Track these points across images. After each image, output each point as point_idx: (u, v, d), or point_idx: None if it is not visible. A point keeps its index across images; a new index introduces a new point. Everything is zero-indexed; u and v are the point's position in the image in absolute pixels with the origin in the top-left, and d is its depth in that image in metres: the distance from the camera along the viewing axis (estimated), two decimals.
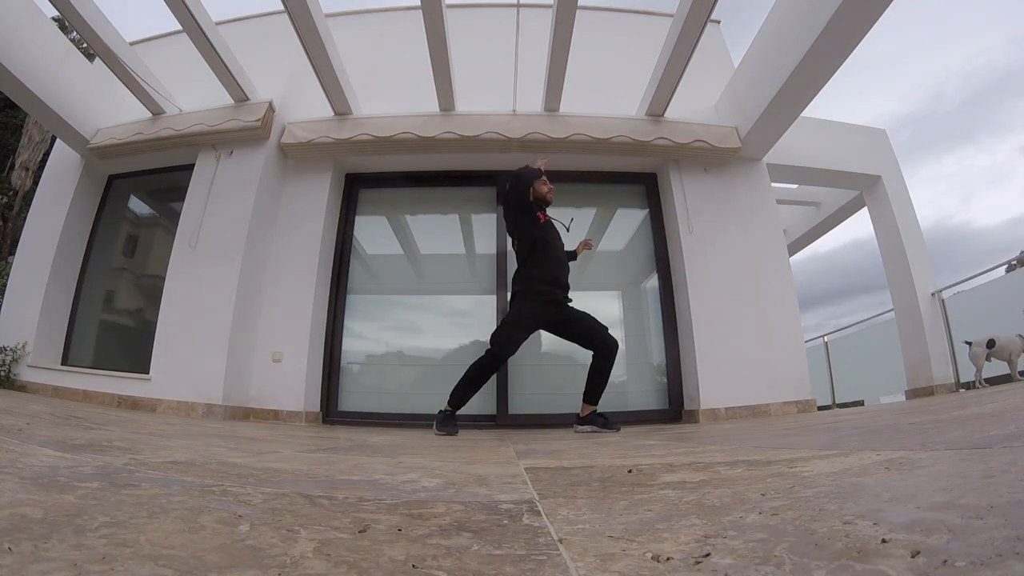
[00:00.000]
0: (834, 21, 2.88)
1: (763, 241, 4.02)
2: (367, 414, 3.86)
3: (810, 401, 3.68)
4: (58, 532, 0.46)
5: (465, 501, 0.73)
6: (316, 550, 0.47)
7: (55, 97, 3.89)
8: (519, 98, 4.10)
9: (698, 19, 3.22)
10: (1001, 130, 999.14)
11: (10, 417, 1.68)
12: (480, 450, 1.69)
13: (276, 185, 4.11)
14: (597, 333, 2.76)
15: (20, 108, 4.59)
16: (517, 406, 3.80)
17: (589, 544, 0.50)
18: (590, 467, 1.12)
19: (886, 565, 0.36)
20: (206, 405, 3.35)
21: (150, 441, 1.45)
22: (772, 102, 3.59)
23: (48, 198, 4.37)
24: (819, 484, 0.69)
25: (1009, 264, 6.21)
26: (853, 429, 1.58)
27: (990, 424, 1.17)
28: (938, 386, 4.39)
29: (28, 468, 0.78)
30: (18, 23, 3.64)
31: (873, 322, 6.67)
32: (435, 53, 3.58)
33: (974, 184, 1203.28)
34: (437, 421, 2.62)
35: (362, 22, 4.97)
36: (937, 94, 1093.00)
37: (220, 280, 3.63)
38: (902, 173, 4.99)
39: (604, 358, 2.73)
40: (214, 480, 0.84)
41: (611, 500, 0.72)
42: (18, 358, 3.82)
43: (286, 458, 1.27)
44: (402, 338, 4.22)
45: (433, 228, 4.62)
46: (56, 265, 4.09)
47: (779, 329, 3.79)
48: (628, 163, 4.27)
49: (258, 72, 4.20)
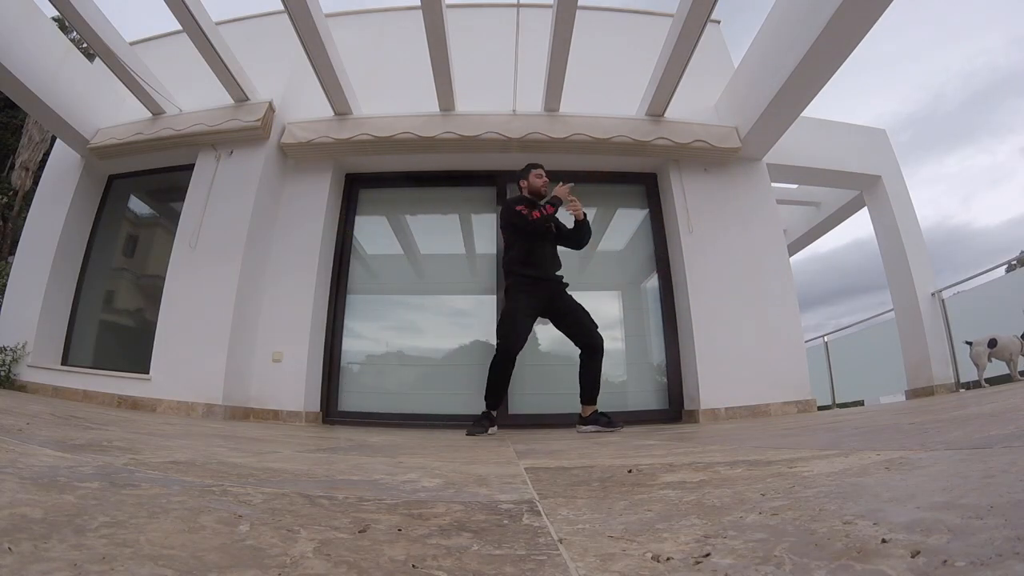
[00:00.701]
0: (834, 21, 2.88)
1: (763, 241, 4.02)
2: (367, 414, 3.86)
3: (810, 401, 3.68)
4: (58, 532, 0.46)
5: (465, 501, 0.73)
6: (316, 550, 0.47)
7: (55, 97, 3.89)
8: (519, 98, 4.10)
9: (698, 19, 3.22)
10: (1001, 130, 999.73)
11: (10, 417, 1.68)
12: (480, 450, 1.69)
13: (276, 185, 4.11)
14: (585, 330, 2.78)
15: (20, 108, 4.59)
16: (517, 406, 3.80)
17: (589, 544, 0.50)
18: (590, 467, 1.12)
19: (886, 565, 0.36)
20: (206, 405, 3.35)
21: (150, 441, 1.45)
22: (772, 102, 3.59)
23: (48, 198, 4.37)
24: (819, 484, 0.69)
25: (1009, 264, 6.21)
26: (853, 429, 1.58)
27: (990, 424, 1.17)
28: (938, 386, 4.39)
29: (28, 468, 0.78)
30: (18, 23, 3.64)
31: (873, 322, 6.67)
32: (435, 53, 3.58)
33: (974, 184, 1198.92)
34: (473, 423, 2.65)
35: (362, 22, 4.97)
36: (938, 95, 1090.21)
37: (220, 280, 3.63)
38: (902, 173, 4.99)
39: (590, 357, 2.75)
40: (214, 480, 0.84)
41: (611, 500, 0.72)
42: (18, 358, 3.82)
43: (286, 458, 1.27)
44: (402, 338, 4.22)
45: (433, 228, 4.62)
46: (56, 265, 4.09)
47: (779, 329, 3.79)
48: (628, 163, 4.27)
49: (258, 72, 4.20)
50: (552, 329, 4.05)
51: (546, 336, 4.07)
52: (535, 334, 4.07)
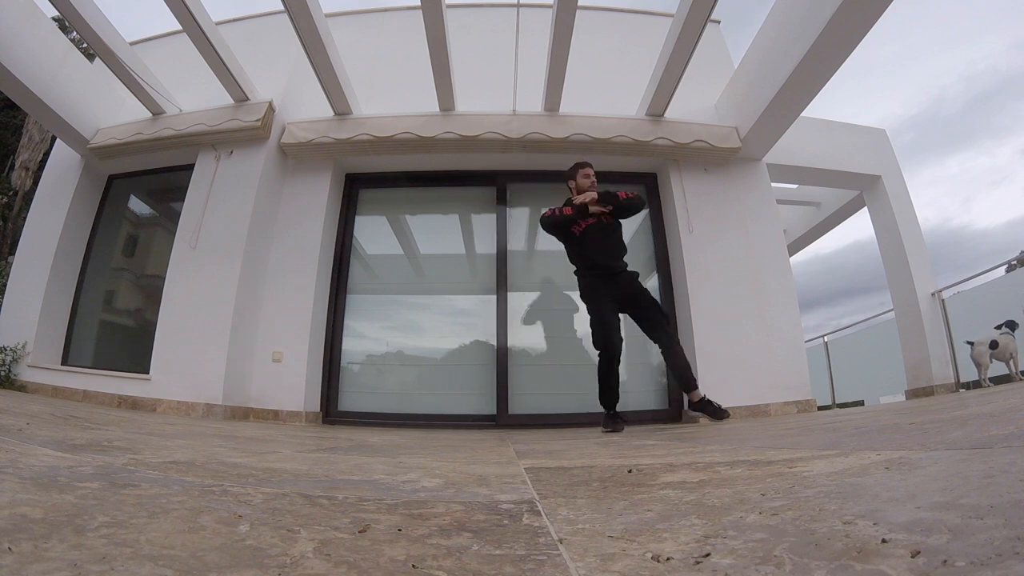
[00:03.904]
0: (834, 21, 2.88)
1: (763, 241, 4.01)
2: (367, 414, 3.86)
3: (810, 401, 3.68)
4: (58, 532, 0.46)
5: (465, 501, 0.73)
6: (316, 550, 0.47)
7: (55, 97, 3.89)
8: (519, 98, 4.10)
9: (698, 19, 3.22)
10: (1002, 132, 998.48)
11: (10, 417, 1.68)
12: (480, 450, 1.69)
13: (276, 185, 4.11)
14: (654, 324, 2.82)
15: (20, 108, 4.59)
16: (517, 406, 3.80)
17: (589, 544, 0.50)
18: (590, 467, 1.12)
19: (886, 565, 0.36)
20: (206, 405, 3.35)
21: (150, 441, 1.45)
22: (772, 102, 3.59)
23: (48, 198, 4.37)
24: (819, 484, 0.69)
25: (1009, 264, 6.21)
26: (853, 429, 1.58)
27: (990, 424, 1.17)
28: (938, 386, 4.39)
29: (28, 468, 0.78)
30: (18, 23, 3.64)
31: (873, 322, 6.68)
32: (435, 53, 3.58)
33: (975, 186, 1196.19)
34: (603, 423, 2.73)
35: (362, 22, 4.97)
36: (940, 98, 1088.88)
37: (220, 280, 3.63)
38: (902, 173, 4.99)
39: (665, 349, 2.81)
40: (214, 480, 0.84)
41: (611, 500, 0.72)
42: (18, 358, 3.82)
43: (286, 458, 1.27)
44: (402, 338, 4.22)
45: (433, 228, 4.62)
46: (56, 265, 4.09)
47: (779, 329, 3.79)
48: (628, 163, 4.26)
49: (258, 72, 4.20)
50: (551, 329, 4.08)
51: (545, 336, 4.07)
52: (535, 335, 4.07)
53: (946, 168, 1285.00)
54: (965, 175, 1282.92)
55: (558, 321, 4.08)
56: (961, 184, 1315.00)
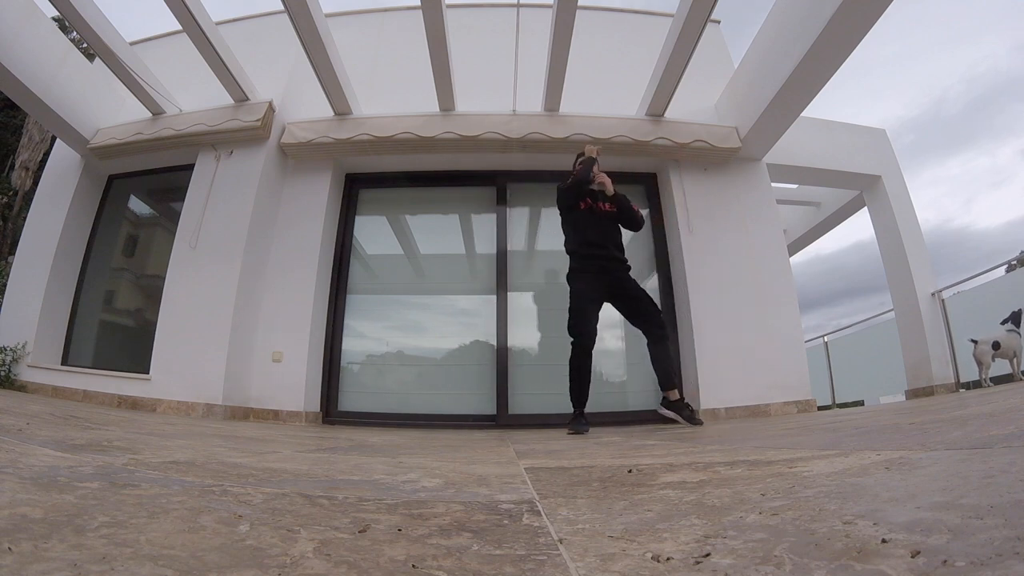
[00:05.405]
0: (834, 21, 2.88)
1: (763, 241, 4.01)
2: (367, 414, 3.86)
3: (810, 401, 3.68)
4: (58, 532, 0.46)
5: (465, 501, 0.73)
6: (316, 550, 0.47)
7: (55, 97, 3.89)
8: (519, 98, 4.10)
9: (698, 19, 3.22)
10: (1003, 133, 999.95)
11: (10, 417, 1.68)
12: (480, 450, 1.69)
13: (276, 185, 4.11)
14: (647, 316, 2.74)
15: (20, 108, 4.59)
16: (517, 406, 3.80)
17: (589, 544, 0.50)
18: (590, 467, 1.12)
19: (886, 565, 0.36)
20: (206, 405, 3.35)
21: (150, 441, 1.45)
22: (772, 102, 3.59)
23: (48, 198, 4.38)
24: (819, 484, 0.69)
25: (1009, 264, 6.21)
26: (853, 429, 1.58)
27: (990, 424, 1.17)
28: (938, 386, 4.39)
29: (28, 468, 0.78)
30: (18, 23, 3.64)
31: (873, 322, 6.68)
32: (435, 53, 3.58)
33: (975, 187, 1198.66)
34: (568, 423, 2.61)
35: (362, 22, 4.97)
36: (941, 99, 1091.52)
37: (220, 280, 3.63)
38: (902, 173, 4.99)
39: (654, 343, 2.72)
40: (214, 480, 0.84)
41: (611, 500, 0.72)
42: (18, 358, 3.82)
43: (286, 458, 1.27)
44: (402, 338, 4.22)
45: (433, 228, 4.62)
46: (56, 265, 4.09)
47: (779, 329, 3.79)
48: (628, 163, 4.26)
49: (258, 72, 4.20)
50: (552, 329, 4.08)
51: (545, 336, 4.07)
52: (535, 335, 4.07)
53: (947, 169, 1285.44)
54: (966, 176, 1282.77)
55: (558, 321, 4.06)
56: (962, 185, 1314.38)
